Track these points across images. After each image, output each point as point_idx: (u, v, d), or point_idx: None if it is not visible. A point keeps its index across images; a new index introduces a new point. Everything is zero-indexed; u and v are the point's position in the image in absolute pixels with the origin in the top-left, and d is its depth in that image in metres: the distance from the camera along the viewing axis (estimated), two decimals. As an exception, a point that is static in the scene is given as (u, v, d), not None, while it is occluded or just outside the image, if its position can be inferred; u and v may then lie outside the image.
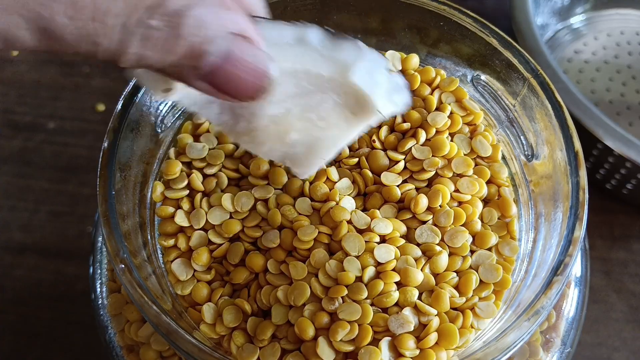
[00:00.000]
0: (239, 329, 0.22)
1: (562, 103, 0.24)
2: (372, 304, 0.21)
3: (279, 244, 0.23)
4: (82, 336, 0.38)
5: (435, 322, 0.21)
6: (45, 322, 0.39)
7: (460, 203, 0.24)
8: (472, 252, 0.23)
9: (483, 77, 0.27)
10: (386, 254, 0.22)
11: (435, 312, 0.21)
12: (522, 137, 0.26)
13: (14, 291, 0.40)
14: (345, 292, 0.21)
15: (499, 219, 0.24)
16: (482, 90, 0.26)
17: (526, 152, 0.25)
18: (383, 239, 0.23)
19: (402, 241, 0.23)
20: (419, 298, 0.22)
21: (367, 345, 0.20)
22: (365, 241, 0.22)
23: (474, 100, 0.26)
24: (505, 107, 0.26)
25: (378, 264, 0.22)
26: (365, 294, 0.21)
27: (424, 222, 0.23)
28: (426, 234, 0.23)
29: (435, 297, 0.21)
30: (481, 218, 0.24)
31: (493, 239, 0.23)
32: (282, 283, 0.22)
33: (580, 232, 0.21)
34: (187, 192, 0.24)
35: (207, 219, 0.24)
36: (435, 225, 0.23)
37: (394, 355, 0.21)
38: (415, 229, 0.23)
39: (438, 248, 0.22)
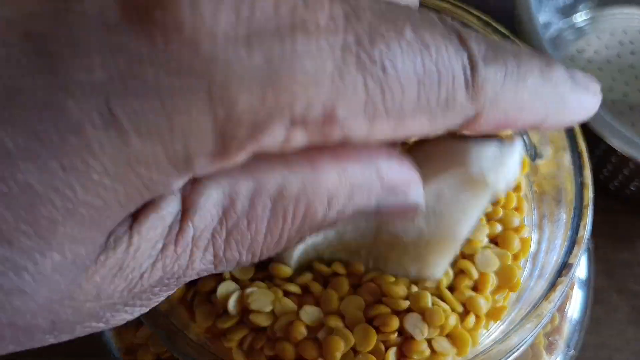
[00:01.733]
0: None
1: (566, 102, 0.23)
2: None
3: None
4: (80, 337, 0.38)
5: (452, 320, 0.20)
6: (43, 322, 0.39)
7: None
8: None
9: (486, 75, 0.26)
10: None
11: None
12: (525, 136, 0.25)
13: (12, 291, 0.40)
14: None
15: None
16: (485, 89, 0.26)
17: (530, 152, 0.25)
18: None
19: None
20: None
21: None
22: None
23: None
24: (508, 106, 0.26)
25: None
26: None
27: None
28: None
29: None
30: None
31: (516, 243, 0.22)
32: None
33: (585, 232, 0.21)
34: None
35: None
36: None
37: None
38: None
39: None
